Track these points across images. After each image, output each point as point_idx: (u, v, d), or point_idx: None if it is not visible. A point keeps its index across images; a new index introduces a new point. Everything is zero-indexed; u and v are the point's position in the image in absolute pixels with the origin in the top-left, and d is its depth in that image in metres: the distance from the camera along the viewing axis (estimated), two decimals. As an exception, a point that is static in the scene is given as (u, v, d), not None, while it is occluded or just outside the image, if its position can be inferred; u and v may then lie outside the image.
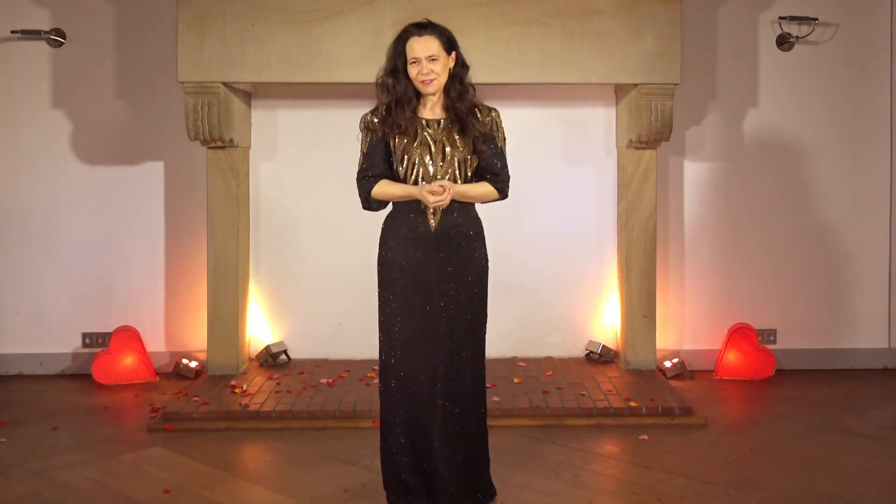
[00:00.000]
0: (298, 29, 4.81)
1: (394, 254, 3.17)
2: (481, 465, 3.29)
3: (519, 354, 5.40)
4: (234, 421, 4.35)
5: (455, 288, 3.16)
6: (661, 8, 4.84)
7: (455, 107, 3.15)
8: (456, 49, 3.18)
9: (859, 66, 5.41)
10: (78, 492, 3.55)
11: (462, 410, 3.19)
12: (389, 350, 3.18)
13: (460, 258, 3.17)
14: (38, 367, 5.33)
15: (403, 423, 3.18)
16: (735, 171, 5.41)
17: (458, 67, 3.18)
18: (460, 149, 3.15)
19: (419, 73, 3.11)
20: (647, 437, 4.14)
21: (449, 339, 3.15)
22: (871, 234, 5.45)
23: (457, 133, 3.15)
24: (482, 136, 3.15)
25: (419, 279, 3.14)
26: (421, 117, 3.18)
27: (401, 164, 3.16)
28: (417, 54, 3.10)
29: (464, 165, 3.16)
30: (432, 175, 3.13)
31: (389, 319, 3.18)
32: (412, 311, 3.15)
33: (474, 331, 3.21)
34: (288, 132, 5.41)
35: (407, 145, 3.15)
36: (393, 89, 3.14)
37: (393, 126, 3.14)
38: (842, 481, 3.61)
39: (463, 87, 3.17)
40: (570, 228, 5.44)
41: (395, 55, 3.16)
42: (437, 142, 3.15)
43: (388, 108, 3.16)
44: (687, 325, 5.44)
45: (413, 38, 3.14)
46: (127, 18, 5.28)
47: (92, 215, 5.32)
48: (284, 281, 5.43)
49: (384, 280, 3.20)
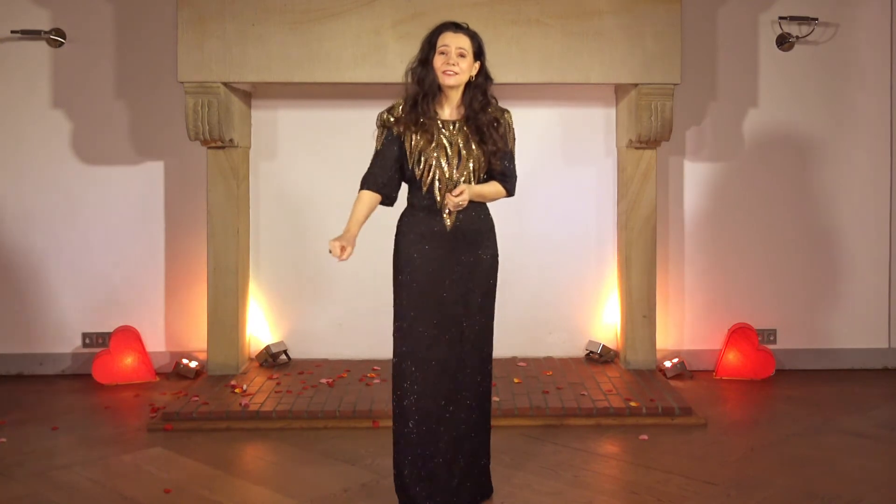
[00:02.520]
0: (298, 29, 4.81)
1: (409, 249, 3.24)
2: (482, 461, 3.34)
3: (519, 354, 5.40)
4: (234, 421, 4.35)
5: (468, 282, 3.24)
6: (661, 8, 4.84)
7: (477, 116, 3.22)
8: (482, 59, 3.26)
9: (859, 66, 5.41)
10: (78, 492, 3.55)
11: (471, 402, 3.26)
12: (403, 343, 3.23)
13: (474, 253, 3.25)
14: (38, 367, 5.33)
15: (416, 419, 3.20)
16: (735, 171, 5.41)
17: (480, 77, 3.26)
18: (475, 155, 3.22)
19: (445, 62, 3.18)
20: (647, 437, 4.15)
21: (461, 331, 3.22)
22: (871, 235, 5.45)
23: (474, 140, 3.22)
24: (498, 151, 3.23)
25: (434, 273, 3.21)
26: (439, 118, 3.24)
27: (417, 166, 3.22)
28: (448, 44, 3.18)
29: (478, 168, 3.23)
30: (448, 177, 3.20)
31: (405, 312, 3.23)
32: (427, 304, 3.21)
33: (485, 324, 3.30)
34: (288, 132, 5.41)
35: (424, 147, 3.21)
36: (421, 78, 3.21)
37: (412, 124, 3.20)
38: (842, 481, 3.61)
39: (486, 98, 3.25)
40: (570, 228, 5.44)
41: (427, 46, 3.25)
42: (452, 144, 3.21)
43: (413, 104, 3.22)
44: (687, 325, 5.44)
45: (448, 31, 3.23)
46: (127, 18, 5.28)
47: (92, 215, 5.32)
48: (284, 281, 5.43)
49: (400, 274, 3.26)
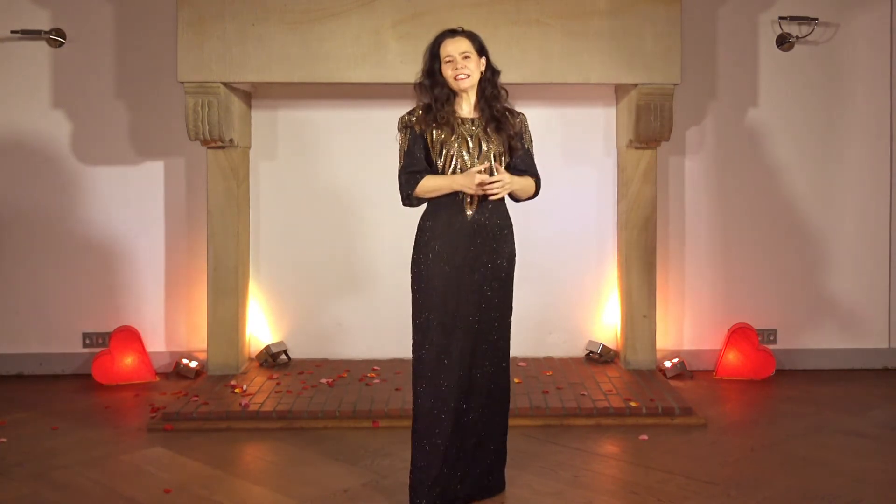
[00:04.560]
0: (298, 29, 4.81)
1: (431, 243, 3.29)
2: (489, 459, 3.38)
3: (519, 354, 5.39)
4: (234, 421, 4.35)
5: (487, 277, 3.30)
6: (661, 8, 4.84)
7: (490, 106, 3.32)
8: (486, 54, 3.34)
9: (859, 66, 5.41)
10: (78, 492, 3.55)
11: (485, 398, 3.33)
12: (424, 337, 3.27)
13: (493, 249, 3.31)
14: (38, 367, 5.33)
15: (433, 413, 3.26)
16: (735, 171, 5.41)
17: (488, 71, 3.35)
18: (495, 143, 3.30)
19: (454, 69, 3.26)
20: (647, 437, 4.14)
21: (478, 326, 3.29)
22: (871, 234, 5.45)
23: (492, 130, 3.31)
24: (516, 134, 3.34)
25: (454, 267, 3.27)
26: (457, 116, 3.33)
27: (439, 157, 3.30)
28: (451, 52, 3.27)
29: (499, 159, 3.31)
30: (470, 167, 3.27)
31: (424, 306, 3.28)
32: (446, 298, 3.26)
33: (502, 320, 3.36)
34: (288, 132, 5.41)
35: (445, 139, 3.29)
36: (431, 90, 3.30)
37: (432, 120, 3.29)
38: (842, 481, 3.61)
39: (496, 89, 3.35)
40: (570, 228, 5.44)
41: (430, 58, 3.33)
42: (473, 136, 3.30)
43: (427, 107, 3.31)
44: (687, 325, 5.44)
45: (446, 40, 3.31)
46: (127, 18, 5.28)
47: (92, 215, 5.32)
48: (284, 281, 5.43)
49: (419, 267, 3.30)
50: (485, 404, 3.33)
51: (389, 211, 3.48)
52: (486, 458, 3.37)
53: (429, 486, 3.27)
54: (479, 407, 3.32)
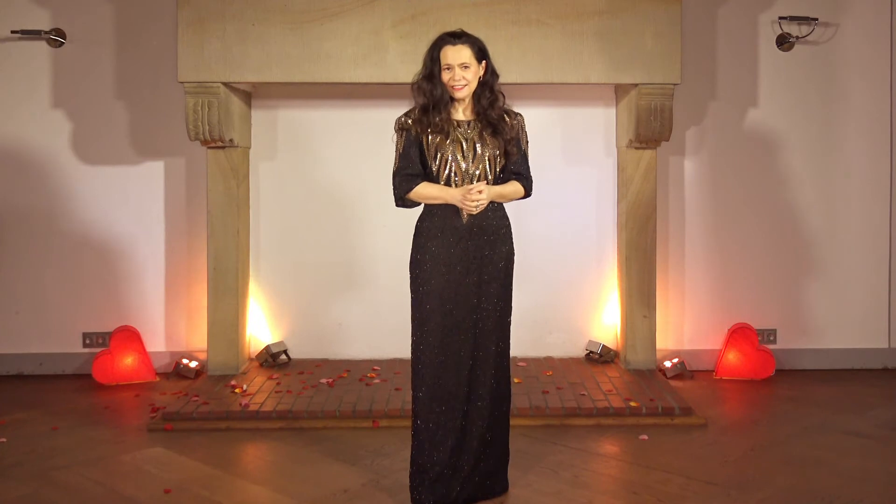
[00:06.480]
0: (298, 29, 4.81)
1: (428, 244, 3.31)
2: (490, 460, 3.38)
3: (519, 354, 5.39)
4: (234, 421, 4.35)
5: (485, 277, 3.31)
6: (661, 8, 4.84)
7: (486, 112, 3.33)
8: (486, 58, 3.35)
9: (859, 66, 5.41)
10: (78, 492, 3.55)
11: (485, 399, 3.33)
12: (423, 337, 3.29)
13: (490, 249, 3.33)
14: (38, 367, 5.33)
15: (431, 413, 3.28)
16: (735, 171, 5.41)
17: (487, 76, 3.36)
18: (490, 147, 3.31)
19: (451, 78, 3.28)
20: (647, 437, 4.15)
21: (476, 326, 3.31)
22: (871, 235, 5.45)
23: (487, 134, 3.32)
24: (512, 139, 3.35)
25: (451, 268, 3.29)
26: (453, 119, 3.34)
27: (434, 161, 3.31)
28: (450, 61, 3.28)
29: (493, 163, 3.33)
30: (464, 171, 3.29)
31: (422, 307, 3.30)
32: (444, 299, 3.28)
33: (500, 320, 3.37)
34: (288, 132, 5.41)
35: (440, 143, 3.30)
36: (430, 93, 3.31)
37: (427, 125, 3.30)
38: (842, 481, 3.61)
39: (493, 94, 3.36)
40: (570, 228, 5.44)
41: (430, 61, 3.33)
42: (468, 140, 3.31)
43: (424, 110, 3.32)
44: (687, 325, 5.44)
45: (447, 45, 3.31)
46: (127, 18, 5.28)
47: (92, 215, 5.32)
48: (284, 281, 5.43)
49: (417, 269, 3.32)
50: (485, 405, 3.33)
51: (390, 211, 3.47)
52: (488, 460, 3.37)
53: (429, 487, 3.27)
54: (479, 407, 3.33)
